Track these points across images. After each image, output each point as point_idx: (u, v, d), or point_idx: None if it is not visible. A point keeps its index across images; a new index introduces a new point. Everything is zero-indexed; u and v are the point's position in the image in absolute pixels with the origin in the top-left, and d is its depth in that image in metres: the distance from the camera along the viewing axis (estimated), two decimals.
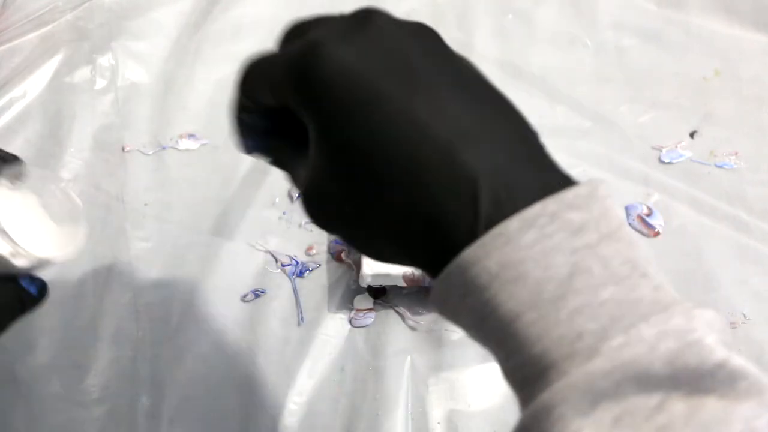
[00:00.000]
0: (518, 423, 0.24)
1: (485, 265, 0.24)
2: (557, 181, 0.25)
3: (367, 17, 0.26)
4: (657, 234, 0.52)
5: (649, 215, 0.52)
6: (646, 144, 0.55)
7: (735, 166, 0.55)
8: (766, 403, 0.21)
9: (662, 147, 0.55)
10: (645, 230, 0.52)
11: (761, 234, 0.52)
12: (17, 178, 0.32)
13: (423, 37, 0.27)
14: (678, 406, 0.21)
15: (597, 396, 0.22)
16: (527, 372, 0.24)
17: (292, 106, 0.27)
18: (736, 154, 0.55)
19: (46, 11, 0.57)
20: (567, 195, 0.24)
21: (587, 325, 0.23)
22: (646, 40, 0.60)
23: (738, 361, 0.22)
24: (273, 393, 0.45)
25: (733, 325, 0.48)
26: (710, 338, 0.22)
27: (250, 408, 0.45)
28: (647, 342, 0.22)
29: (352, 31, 0.26)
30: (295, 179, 0.31)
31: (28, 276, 0.33)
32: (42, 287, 0.34)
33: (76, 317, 0.47)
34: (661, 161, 0.55)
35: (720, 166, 0.55)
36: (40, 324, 0.46)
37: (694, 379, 0.21)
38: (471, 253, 0.24)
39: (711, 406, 0.21)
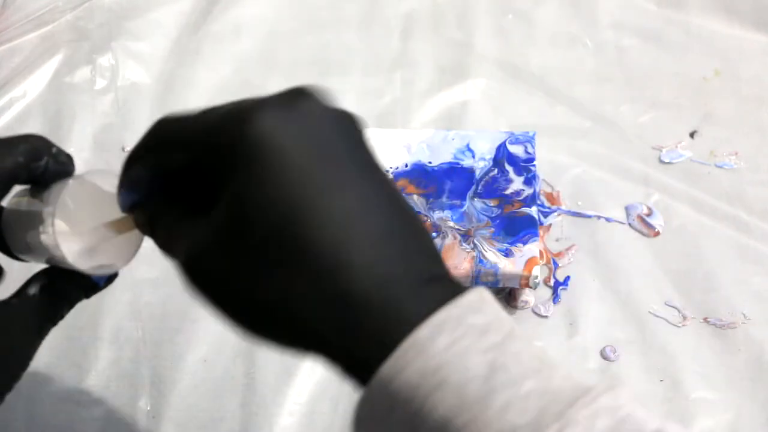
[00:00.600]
0: None
1: (405, 378, 0.24)
2: (451, 288, 0.25)
3: (299, 95, 0.26)
4: (657, 234, 0.52)
5: (649, 215, 0.52)
6: (646, 144, 0.55)
7: (735, 166, 0.55)
8: None
9: (662, 147, 0.55)
10: (645, 230, 0.52)
11: (761, 234, 0.52)
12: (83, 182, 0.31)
13: (346, 128, 0.27)
14: None
15: None
16: None
17: (204, 166, 0.26)
18: (736, 154, 0.55)
19: (46, 11, 0.57)
20: (464, 300, 0.24)
21: (518, 420, 0.23)
22: (646, 40, 0.60)
23: (672, 427, 0.22)
24: (273, 393, 0.45)
25: (733, 325, 0.48)
26: (640, 411, 0.23)
27: (250, 408, 0.45)
28: (583, 424, 0.22)
29: (285, 105, 0.25)
30: (166, 247, 0.29)
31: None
32: (109, 279, 0.34)
33: (76, 317, 0.47)
34: (661, 161, 0.55)
35: (720, 166, 0.55)
36: None
37: None
38: (388, 368, 0.24)
39: None
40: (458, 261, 0.45)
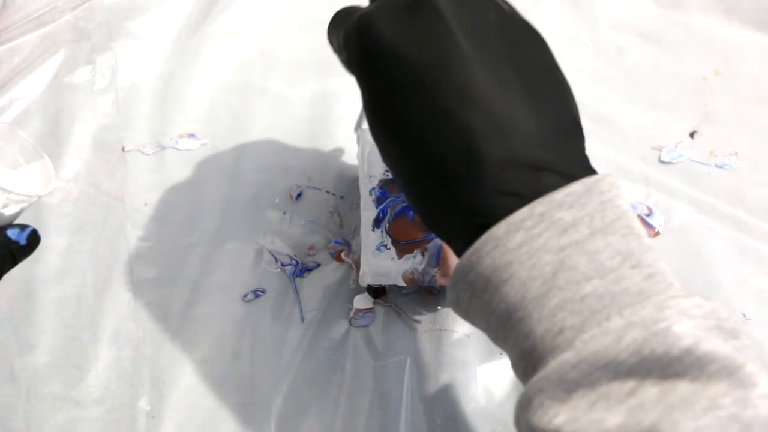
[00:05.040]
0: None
1: (479, 270, 0.25)
2: (561, 180, 0.25)
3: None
4: (657, 234, 0.52)
5: (649, 215, 0.52)
6: (646, 144, 0.56)
7: (735, 166, 0.55)
8: (736, 384, 0.22)
9: (662, 147, 0.55)
10: (645, 230, 0.52)
11: (761, 234, 0.52)
12: None
13: (481, 8, 0.29)
14: (650, 390, 0.22)
15: (571, 385, 0.23)
16: (524, 366, 0.25)
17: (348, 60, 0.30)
18: (736, 154, 0.55)
19: (46, 11, 0.57)
20: (557, 195, 0.24)
21: (568, 321, 0.24)
22: (646, 40, 0.60)
23: (708, 345, 0.22)
24: (273, 393, 0.45)
25: None
26: (680, 326, 0.22)
27: (250, 408, 0.45)
28: (614, 333, 0.23)
29: (405, 10, 0.28)
30: None
31: (18, 226, 0.34)
32: (31, 235, 0.35)
33: (76, 317, 0.47)
34: (661, 161, 0.55)
35: (720, 166, 0.55)
36: (40, 324, 0.46)
37: (663, 365, 0.22)
38: (466, 259, 0.26)
39: (681, 388, 0.22)
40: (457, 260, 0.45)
